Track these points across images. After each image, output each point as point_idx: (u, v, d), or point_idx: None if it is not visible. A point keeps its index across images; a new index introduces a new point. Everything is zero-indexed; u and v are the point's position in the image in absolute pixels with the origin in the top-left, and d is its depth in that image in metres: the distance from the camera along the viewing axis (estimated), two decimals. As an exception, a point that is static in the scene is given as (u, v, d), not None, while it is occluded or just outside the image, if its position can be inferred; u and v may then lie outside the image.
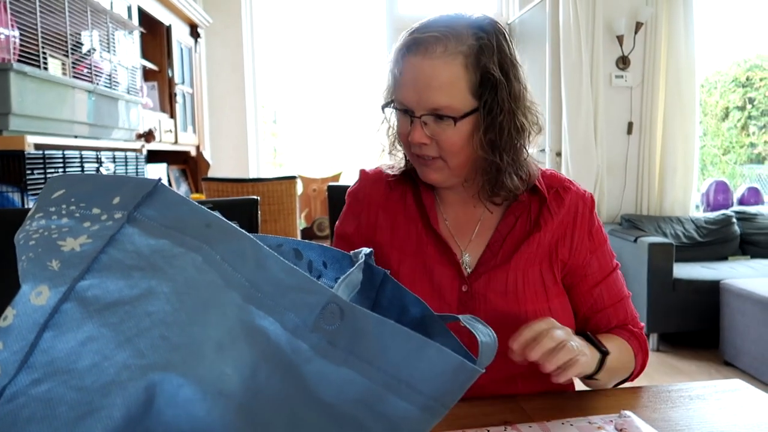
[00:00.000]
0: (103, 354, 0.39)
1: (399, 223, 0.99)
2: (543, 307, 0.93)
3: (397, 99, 0.90)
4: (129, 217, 0.46)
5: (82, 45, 1.95)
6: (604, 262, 0.98)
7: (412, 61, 0.86)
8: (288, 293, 0.48)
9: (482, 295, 0.92)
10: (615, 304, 0.98)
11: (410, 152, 0.94)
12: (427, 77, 0.85)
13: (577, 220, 0.97)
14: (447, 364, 0.51)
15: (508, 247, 0.95)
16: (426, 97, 0.86)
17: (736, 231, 3.79)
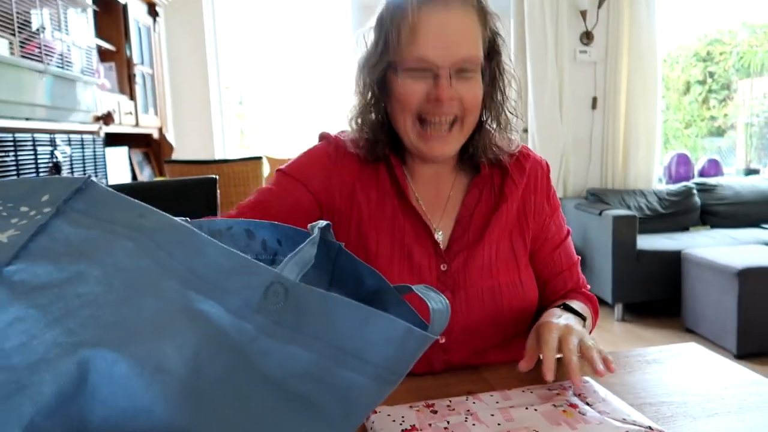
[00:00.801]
0: (31, 333, 0.38)
1: (372, 198, 0.94)
2: (515, 278, 0.94)
3: (410, 57, 0.83)
4: (58, 210, 0.45)
5: (30, 24, 1.88)
6: (560, 226, 1.02)
7: (433, 14, 0.82)
8: (229, 277, 0.48)
9: (461, 274, 0.92)
10: (570, 267, 1.01)
11: (415, 125, 0.88)
12: (452, 29, 0.82)
13: (537, 186, 0.99)
14: (394, 331, 0.51)
15: (477, 222, 0.95)
16: (454, 49, 0.82)
17: (697, 202, 3.89)
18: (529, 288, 0.95)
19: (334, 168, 0.94)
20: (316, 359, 0.49)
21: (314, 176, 0.93)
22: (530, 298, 0.95)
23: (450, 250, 0.93)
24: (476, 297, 0.91)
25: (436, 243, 0.93)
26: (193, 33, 4.00)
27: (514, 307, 0.93)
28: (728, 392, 0.77)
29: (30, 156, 1.70)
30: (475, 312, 0.90)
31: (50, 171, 1.78)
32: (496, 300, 0.91)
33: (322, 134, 1.00)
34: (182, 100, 4.04)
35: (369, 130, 0.93)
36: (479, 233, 0.94)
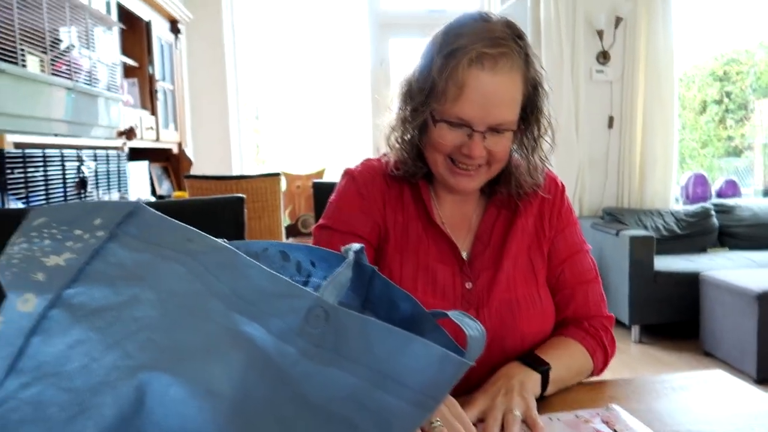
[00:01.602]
0: (92, 356, 0.40)
1: (399, 222, 0.97)
2: (533, 292, 0.95)
3: (449, 111, 0.86)
4: (111, 234, 0.46)
5: (60, 41, 1.93)
6: (570, 242, 1.01)
7: (481, 77, 0.84)
8: (272, 300, 0.49)
9: (485, 291, 0.93)
10: (577, 285, 0.99)
11: (446, 162, 0.91)
12: (496, 95, 0.85)
13: (553, 201, 1.01)
14: (431, 357, 0.52)
15: (496, 238, 0.98)
16: (493, 113, 0.85)
17: (715, 223, 3.86)
18: (546, 301, 0.97)
19: (369, 205, 0.97)
20: (357, 383, 0.50)
21: (359, 221, 0.96)
22: (548, 311, 0.96)
23: (473, 267, 0.95)
24: (496, 311, 0.92)
25: (461, 261, 0.95)
26: (213, 49, 4.06)
27: (532, 320, 0.94)
28: (758, 422, 0.76)
29: (58, 171, 1.73)
30: (495, 326, 0.91)
31: (77, 186, 1.82)
32: (515, 313, 0.93)
33: (345, 171, 1.03)
34: (201, 116, 4.09)
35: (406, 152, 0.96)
36: (498, 249, 0.97)
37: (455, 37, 0.86)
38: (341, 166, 1.09)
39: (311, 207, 4.15)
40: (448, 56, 0.85)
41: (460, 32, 0.87)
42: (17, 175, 1.54)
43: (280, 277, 0.51)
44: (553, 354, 0.89)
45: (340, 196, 1.00)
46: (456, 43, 0.85)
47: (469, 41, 0.84)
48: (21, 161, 1.56)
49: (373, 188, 0.98)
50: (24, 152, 1.57)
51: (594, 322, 0.98)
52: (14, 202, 1.52)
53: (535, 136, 0.95)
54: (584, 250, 1.02)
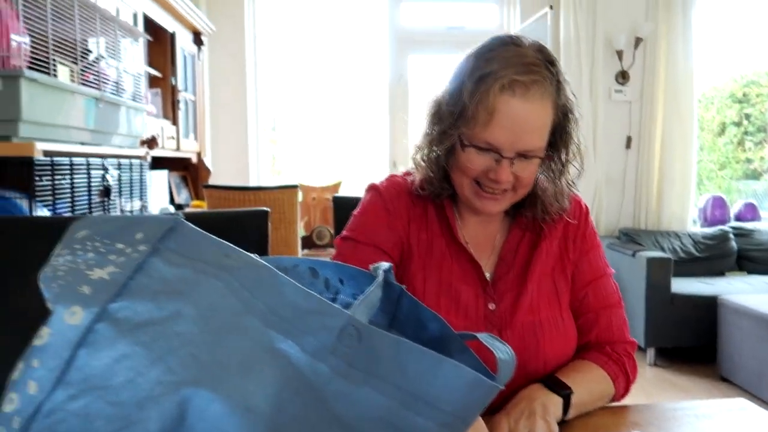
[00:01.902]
0: (137, 371, 0.40)
1: (423, 240, 0.97)
2: (556, 314, 0.95)
3: (478, 136, 0.86)
4: (153, 249, 0.47)
5: (90, 52, 1.97)
6: (595, 265, 1.00)
7: (512, 104, 0.84)
8: (306, 317, 0.50)
9: (509, 312, 0.93)
10: (600, 309, 0.98)
11: (472, 185, 0.91)
12: (526, 121, 0.85)
13: (578, 223, 1.01)
14: (462, 379, 0.52)
15: (520, 260, 0.97)
16: (522, 140, 0.85)
17: (734, 247, 3.82)
18: (569, 324, 0.96)
19: (394, 221, 0.97)
20: (388, 403, 0.50)
21: (383, 235, 0.96)
22: (570, 335, 0.96)
23: (496, 289, 0.95)
24: (519, 334, 0.92)
25: (485, 282, 0.95)
26: (235, 61, 4.12)
27: (555, 343, 0.93)
28: (785, 453, 0.75)
29: (84, 179, 1.76)
30: (518, 348, 0.90)
31: (100, 194, 1.85)
32: (538, 336, 0.92)
33: (370, 186, 1.03)
34: (220, 126, 4.14)
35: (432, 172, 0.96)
36: (522, 271, 0.96)
37: (486, 61, 0.86)
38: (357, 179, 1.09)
39: (326, 219, 4.17)
40: (479, 81, 0.85)
41: (491, 57, 0.86)
42: (45, 183, 1.57)
43: (314, 294, 0.52)
44: (575, 378, 0.89)
45: (365, 210, 1.00)
46: (487, 67, 0.85)
47: (500, 66, 0.84)
48: (49, 169, 1.59)
49: (399, 204, 0.98)
50: (52, 160, 1.60)
51: (617, 348, 0.98)
52: (41, 210, 1.54)
53: (563, 161, 0.94)
54: (608, 274, 1.02)
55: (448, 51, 4.23)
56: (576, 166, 0.96)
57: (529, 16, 3.98)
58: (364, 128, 4.85)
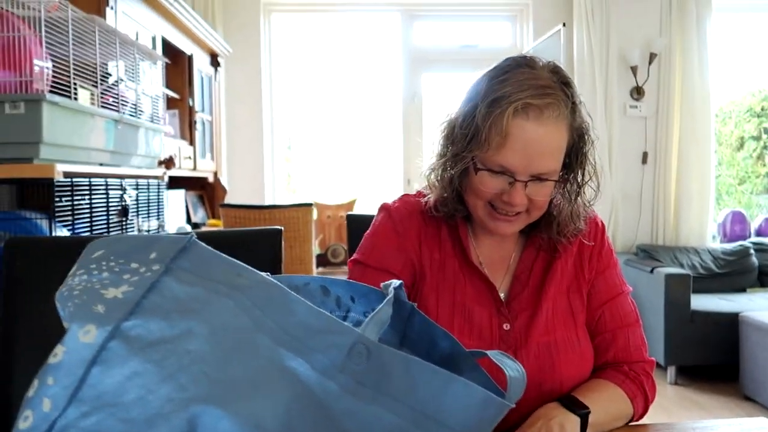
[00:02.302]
0: (148, 388, 0.41)
1: (435, 260, 0.96)
2: (572, 334, 0.94)
3: (492, 159, 0.85)
4: (166, 268, 0.48)
5: (109, 75, 2.01)
6: (612, 283, 0.99)
7: (526, 128, 0.83)
8: (316, 336, 0.50)
9: (523, 333, 0.93)
10: (618, 329, 0.97)
11: (486, 207, 0.91)
12: (541, 144, 0.84)
13: (592, 240, 1.00)
14: (473, 398, 0.52)
15: (535, 279, 0.97)
16: (536, 163, 0.85)
17: (754, 262, 3.76)
18: (585, 344, 0.95)
19: (404, 242, 0.96)
20: (398, 421, 0.50)
21: (393, 259, 0.95)
22: (587, 354, 0.95)
23: (511, 308, 0.94)
24: (535, 354, 0.91)
25: (499, 302, 0.94)
26: (251, 82, 4.18)
27: (571, 363, 0.92)
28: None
29: (102, 199, 1.79)
30: (533, 369, 0.90)
31: (119, 214, 1.88)
32: (554, 356, 0.91)
33: (382, 206, 1.02)
34: (236, 146, 4.19)
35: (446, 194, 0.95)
36: (537, 290, 0.95)
37: (500, 83, 0.85)
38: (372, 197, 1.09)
39: (341, 237, 4.18)
40: (493, 104, 0.84)
41: (505, 79, 0.86)
42: (65, 203, 1.60)
43: (324, 313, 0.52)
44: (592, 397, 0.88)
45: (375, 232, 0.99)
46: (501, 90, 0.84)
47: (513, 89, 0.84)
48: (69, 190, 1.62)
49: (409, 225, 0.97)
50: (72, 181, 1.64)
51: (635, 367, 0.96)
52: (60, 230, 1.57)
53: (579, 183, 0.94)
54: (625, 293, 1.01)
55: (462, 69, 4.25)
56: (593, 187, 0.95)
57: (542, 33, 4.00)
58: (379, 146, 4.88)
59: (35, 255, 1.07)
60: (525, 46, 4.21)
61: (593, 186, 0.95)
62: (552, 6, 4.11)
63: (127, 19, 2.48)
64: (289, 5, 4.26)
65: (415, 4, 4.20)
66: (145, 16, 2.71)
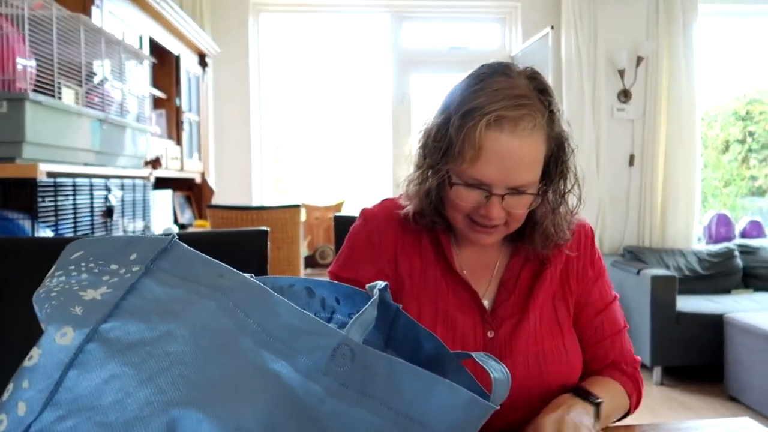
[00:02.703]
0: (126, 391, 0.40)
1: (415, 267, 0.94)
2: (558, 343, 0.93)
3: (466, 173, 0.83)
4: (146, 270, 0.48)
5: (94, 74, 1.99)
6: (604, 292, 1.00)
7: (501, 140, 0.80)
8: (299, 337, 0.50)
9: (508, 341, 0.91)
10: (613, 336, 0.99)
11: (465, 219, 0.88)
12: (516, 157, 0.81)
13: (581, 249, 0.99)
14: (458, 400, 0.52)
15: (522, 287, 0.95)
16: (513, 176, 0.82)
17: (739, 264, 3.79)
18: (572, 353, 0.95)
19: (379, 253, 0.94)
20: (382, 423, 0.50)
21: (365, 273, 0.93)
22: (574, 363, 0.95)
23: (496, 316, 0.93)
24: (522, 364, 0.90)
25: (483, 310, 0.93)
26: (239, 82, 4.16)
27: (558, 372, 0.92)
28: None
29: (86, 200, 1.77)
30: (521, 379, 0.89)
31: (103, 214, 1.86)
32: (541, 366, 0.91)
33: (361, 212, 1.00)
34: (224, 146, 4.17)
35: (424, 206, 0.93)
36: (524, 298, 0.94)
37: (473, 93, 0.83)
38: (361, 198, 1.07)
39: (329, 238, 4.17)
40: (466, 116, 0.82)
41: (479, 88, 0.83)
42: (48, 203, 1.58)
43: (308, 314, 0.51)
44: (600, 391, 0.89)
45: (351, 243, 0.97)
46: (474, 101, 0.82)
47: (487, 100, 0.81)
48: (52, 190, 1.60)
49: (385, 235, 0.95)
50: (55, 181, 1.62)
51: (629, 367, 0.99)
52: (43, 230, 1.55)
53: (561, 192, 0.91)
54: (616, 299, 1.02)
55: (451, 71, 4.26)
56: (575, 195, 0.92)
57: (530, 36, 4.01)
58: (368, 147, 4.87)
59: (16, 255, 1.06)
60: (513, 49, 4.23)
61: (576, 194, 0.93)
62: (540, 9, 4.13)
63: (114, 19, 2.45)
64: (278, 5, 4.25)
65: (404, 5, 4.20)
66: (132, 16, 2.68)
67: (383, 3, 4.18)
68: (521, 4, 4.15)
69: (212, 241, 1.16)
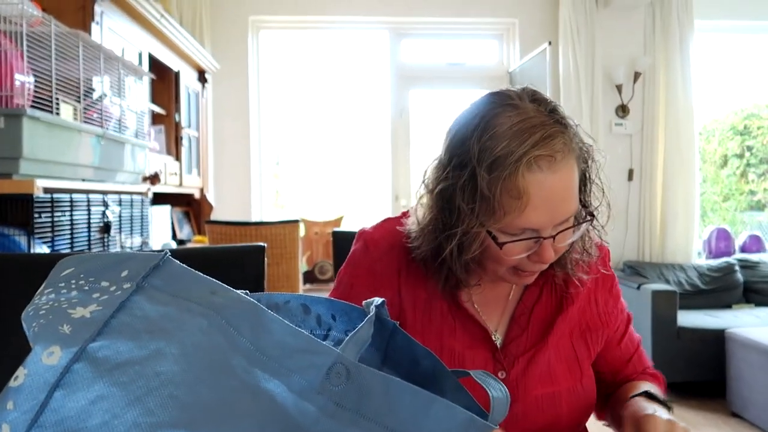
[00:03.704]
0: (113, 412, 0.39)
1: (420, 299, 0.86)
2: (576, 385, 0.88)
3: (513, 226, 0.75)
4: (137, 287, 0.47)
5: (93, 90, 2.00)
6: (624, 315, 0.98)
7: (543, 182, 0.72)
8: (293, 355, 0.49)
9: (521, 382, 0.86)
10: (637, 350, 0.98)
11: (509, 270, 0.81)
12: (561, 192, 0.74)
13: (599, 278, 0.93)
14: (455, 419, 0.50)
15: (536, 323, 0.89)
16: (561, 213, 0.76)
17: (739, 279, 3.78)
18: (589, 390, 0.90)
19: (382, 282, 0.87)
20: (377, 445, 0.48)
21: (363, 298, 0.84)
22: (590, 400, 0.90)
23: (507, 354, 0.86)
24: (535, 405, 0.85)
25: (494, 347, 0.86)
26: (238, 98, 4.17)
27: (573, 412, 0.87)
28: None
29: (84, 215, 1.77)
30: (533, 421, 0.85)
31: (100, 230, 1.85)
32: (556, 407, 0.86)
33: (360, 234, 0.92)
34: (223, 162, 4.17)
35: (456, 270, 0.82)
36: (539, 335, 0.88)
37: (491, 140, 0.74)
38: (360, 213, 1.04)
39: (329, 253, 4.16)
40: (494, 168, 0.73)
41: (494, 133, 0.74)
42: (44, 219, 1.57)
43: (302, 332, 0.51)
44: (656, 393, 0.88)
45: (351, 270, 0.90)
46: (498, 148, 0.73)
47: (511, 143, 0.72)
48: (49, 206, 1.59)
49: (388, 263, 0.87)
50: (52, 197, 1.61)
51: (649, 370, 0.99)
52: (40, 246, 1.54)
53: (591, 210, 0.82)
54: (630, 317, 1.00)
55: (449, 86, 4.28)
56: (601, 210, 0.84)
57: (528, 51, 4.04)
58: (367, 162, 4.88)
59: (12, 272, 1.05)
60: (511, 65, 4.25)
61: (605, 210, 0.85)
62: (538, 25, 4.16)
63: (114, 35, 2.47)
64: (278, 23, 4.28)
65: (403, 22, 4.23)
66: (132, 32, 2.70)
67: (382, 20, 4.21)
68: (519, 20, 4.18)
69: (208, 257, 1.15)
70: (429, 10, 4.16)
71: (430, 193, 0.81)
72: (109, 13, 2.40)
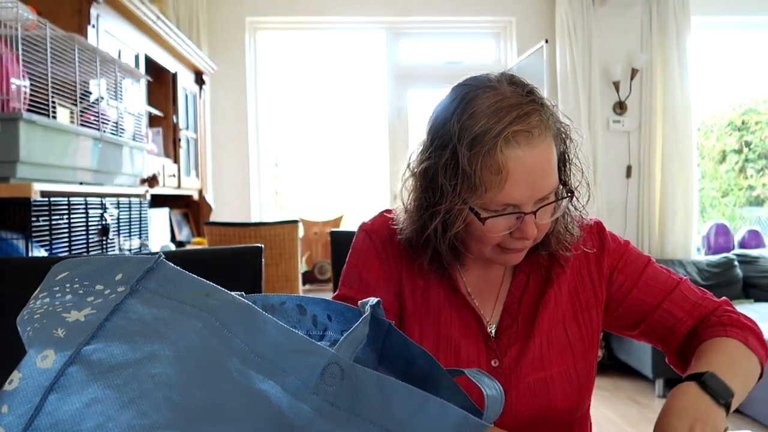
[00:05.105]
0: (107, 415, 0.39)
1: (418, 287, 0.89)
2: (569, 367, 0.88)
3: (495, 202, 0.77)
4: (132, 290, 0.47)
5: (90, 93, 2.00)
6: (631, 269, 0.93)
7: (522, 158, 0.75)
8: (288, 356, 0.49)
9: (514, 370, 0.87)
10: (665, 300, 0.90)
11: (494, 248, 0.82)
12: (539, 167, 0.77)
13: (589, 255, 0.92)
14: (449, 418, 0.51)
15: (525, 310, 0.90)
16: (540, 187, 0.77)
17: (739, 274, 3.78)
18: (583, 374, 0.89)
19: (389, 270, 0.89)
20: (372, 444, 0.49)
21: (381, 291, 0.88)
22: (584, 384, 0.90)
23: (500, 343, 0.88)
24: (527, 392, 0.86)
25: (487, 336, 0.88)
26: (236, 99, 4.17)
27: (567, 396, 0.88)
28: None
29: (81, 219, 1.77)
30: (526, 407, 0.85)
31: (99, 233, 1.85)
32: (549, 393, 0.86)
33: (361, 228, 0.95)
34: (222, 163, 4.17)
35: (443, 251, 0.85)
36: (529, 322, 0.89)
37: (470, 119, 0.77)
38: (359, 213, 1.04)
39: (328, 253, 4.16)
40: (474, 144, 0.76)
41: (473, 111, 0.77)
42: (42, 223, 1.57)
43: (296, 333, 0.51)
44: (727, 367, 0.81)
45: (359, 259, 0.91)
46: (477, 126, 0.76)
47: (490, 121, 0.75)
48: (46, 209, 1.60)
49: (391, 249, 0.90)
50: (50, 200, 1.61)
51: (719, 312, 0.90)
52: (38, 250, 1.54)
53: (571, 188, 0.85)
54: (650, 263, 0.93)
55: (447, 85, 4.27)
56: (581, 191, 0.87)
57: (525, 50, 4.04)
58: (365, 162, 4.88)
59: (10, 275, 1.05)
60: (509, 63, 4.25)
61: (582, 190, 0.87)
62: (535, 23, 4.16)
63: (110, 38, 2.47)
64: (275, 23, 4.28)
65: (400, 22, 4.23)
66: (128, 35, 2.70)
67: (379, 20, 4.21)
68: (516, 19, 4.19)
69: (205, 259, 1.15)
70: (426, 10, 4.16)
71: (414, 176, 0.84)
72: (105, 16, 2.40)
